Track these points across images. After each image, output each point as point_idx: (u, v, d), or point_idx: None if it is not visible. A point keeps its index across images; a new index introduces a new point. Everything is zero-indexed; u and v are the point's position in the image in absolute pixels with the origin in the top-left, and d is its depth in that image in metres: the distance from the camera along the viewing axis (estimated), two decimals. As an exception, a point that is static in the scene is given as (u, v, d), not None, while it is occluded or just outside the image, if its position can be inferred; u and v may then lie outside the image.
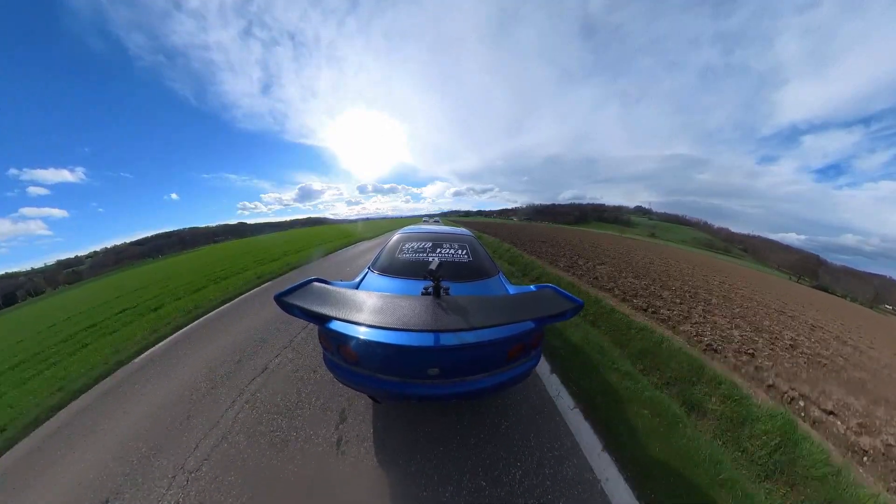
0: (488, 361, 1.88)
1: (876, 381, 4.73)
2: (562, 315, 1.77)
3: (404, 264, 2.79)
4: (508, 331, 1.80)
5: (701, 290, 8.74)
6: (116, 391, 3.22)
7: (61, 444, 2.56)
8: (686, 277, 11.19)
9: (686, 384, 3.00)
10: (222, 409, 2.67)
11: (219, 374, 3.21)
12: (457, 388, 1.84)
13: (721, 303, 7.72)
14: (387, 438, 2.26)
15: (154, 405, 2.85)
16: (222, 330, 4.52)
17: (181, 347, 4.08)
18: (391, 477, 2.00)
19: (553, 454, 2.12)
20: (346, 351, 1.89)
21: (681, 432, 2.35)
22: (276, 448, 2.23)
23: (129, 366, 3.74)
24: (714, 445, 2.31)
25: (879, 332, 12.95)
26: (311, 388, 2.85)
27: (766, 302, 10.38)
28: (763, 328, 6.05)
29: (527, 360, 2.02)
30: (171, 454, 2.24)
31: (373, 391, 1.95)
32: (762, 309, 8.59)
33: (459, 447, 2.16)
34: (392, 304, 1.83)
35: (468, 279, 2.59)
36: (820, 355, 5.28)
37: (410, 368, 1.84)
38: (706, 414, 2.66)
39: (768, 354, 4.43)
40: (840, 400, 3.51)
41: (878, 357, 6.81)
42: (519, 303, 1.94)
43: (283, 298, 1.81)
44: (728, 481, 1.99)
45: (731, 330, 5.23)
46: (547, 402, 2.62)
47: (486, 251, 3.30)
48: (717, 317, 5.97)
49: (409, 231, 3.77)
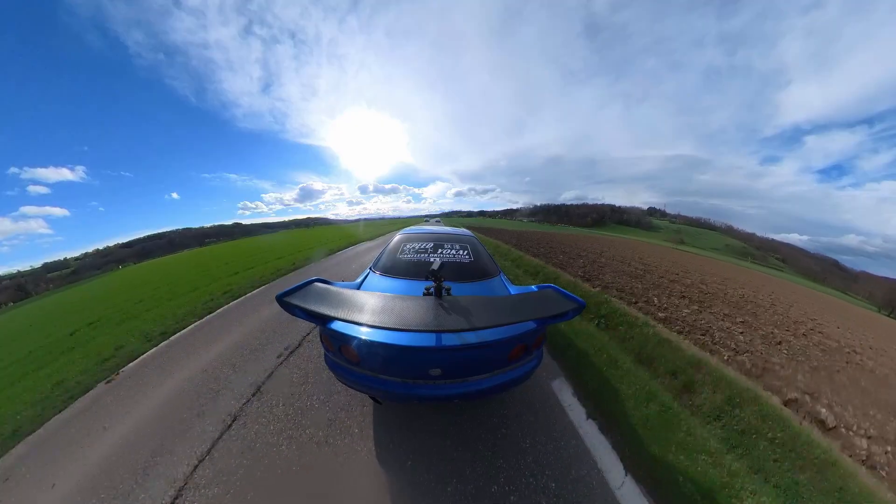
0: (490, 362, 2.01)
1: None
2: (563, 315, 1.89)
3: (406, 265, 2.96)
4: (510, 331, 1.92)
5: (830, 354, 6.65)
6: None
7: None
8: (781, 317, 9.58)
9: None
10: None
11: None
12: (458, 388, 1.97)
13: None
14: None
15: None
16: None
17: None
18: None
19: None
20: (348, 351, 2.02)
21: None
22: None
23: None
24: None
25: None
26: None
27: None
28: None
29: (528, 361, 2.15)
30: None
31: (374, 392, 2.08)
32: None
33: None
34: (394, 305, 1.96)
35: (470, 279, 2.76)
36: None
37: (412, 369, 1.96)
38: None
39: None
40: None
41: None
42: (520, 303, 2.08)
43: (284, 299, 1.95)
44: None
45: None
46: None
47: (487, 251, 3.49)
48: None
49: (411, 232, 3.99)
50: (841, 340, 8.86)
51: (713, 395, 3.02)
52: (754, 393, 3.19)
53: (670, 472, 2.17)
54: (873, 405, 4.61)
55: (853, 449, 3.20)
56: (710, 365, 3.63)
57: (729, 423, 2.68)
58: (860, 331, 12.94)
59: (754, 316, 8.75)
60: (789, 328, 8.61)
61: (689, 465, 2.22)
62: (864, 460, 3.04)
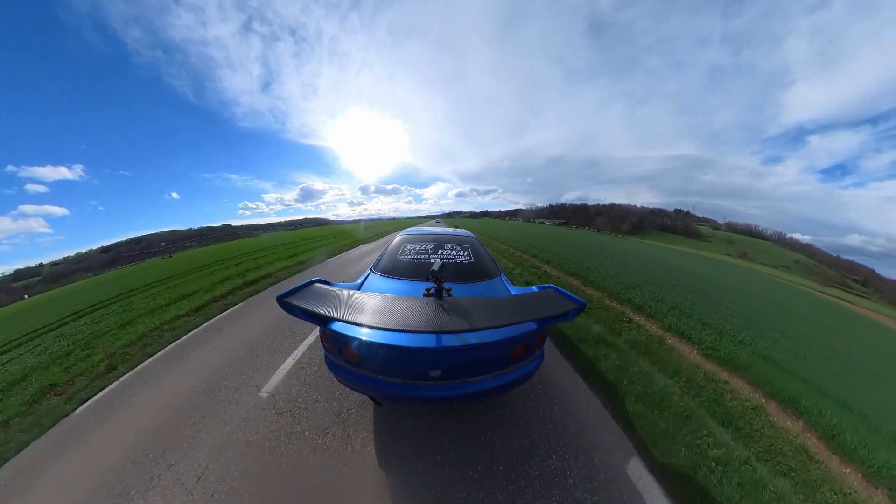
0: (491, 363, 2.25)
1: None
2: (564, 315, 2.12)
3: (406, 266, 3.28)
4: (511, 332, 2.15)
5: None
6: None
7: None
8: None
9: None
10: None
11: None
12: (459, 389, 2.21)
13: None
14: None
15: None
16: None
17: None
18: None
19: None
20: (348, 352, 2.27)
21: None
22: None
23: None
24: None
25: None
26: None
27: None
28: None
29: (529, 362, 2.39)
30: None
31: (374, 392, 2.33)
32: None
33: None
34: (394, 305, 2.20)
35: (470, 280, 3.05)
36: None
37: (412, 370, 2.19)
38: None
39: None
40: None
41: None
42: (521, 304, 2.32)
43: (285, 299, 2.19)
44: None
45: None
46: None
47: (487, 252, 3.80)
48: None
49: (411, 233, 4.38)
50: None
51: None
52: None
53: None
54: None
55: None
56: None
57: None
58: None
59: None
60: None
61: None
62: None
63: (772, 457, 2.89)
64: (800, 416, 3.65)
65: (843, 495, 2.64)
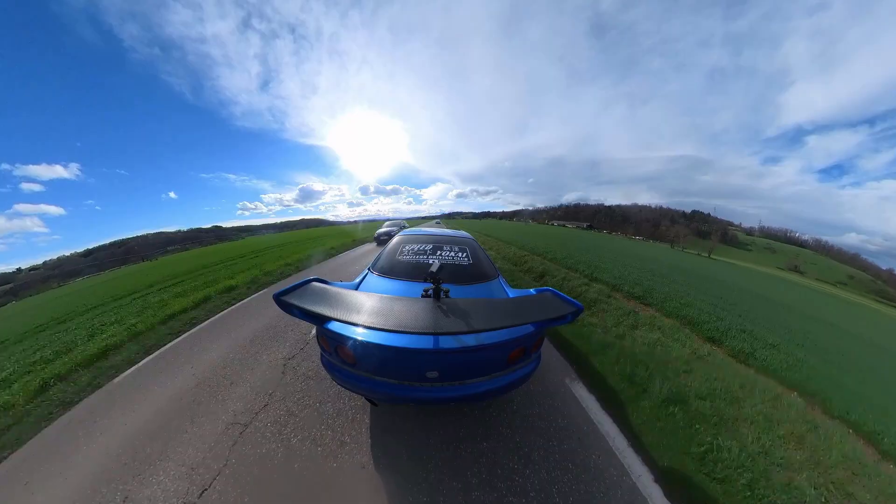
0: (488, 365, 2.42)
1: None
2: (562, 318, 2.29)
3: (405, 266, 3.49)
4: (508, 334, 2.32)
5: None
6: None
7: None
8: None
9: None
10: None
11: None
12: (456, 391, 2.37)
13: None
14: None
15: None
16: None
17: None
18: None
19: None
20: (345, 352, 2.43)
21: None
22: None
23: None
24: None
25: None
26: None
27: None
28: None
29: (527, 364, 2.57)
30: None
31: (370, 393, 2.49)
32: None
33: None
34: (392, 306, 2.34)
35: (468, 282, 3.26)
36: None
37: (409, 371, 2.35)
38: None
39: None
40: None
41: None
42: (519, 306, 2.49)
43: (282, 298, 2.33)
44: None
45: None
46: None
47: (486, 254, 4.04)
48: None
49: (410, 233, 4.66)
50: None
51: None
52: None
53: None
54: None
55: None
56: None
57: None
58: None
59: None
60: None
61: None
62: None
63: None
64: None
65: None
